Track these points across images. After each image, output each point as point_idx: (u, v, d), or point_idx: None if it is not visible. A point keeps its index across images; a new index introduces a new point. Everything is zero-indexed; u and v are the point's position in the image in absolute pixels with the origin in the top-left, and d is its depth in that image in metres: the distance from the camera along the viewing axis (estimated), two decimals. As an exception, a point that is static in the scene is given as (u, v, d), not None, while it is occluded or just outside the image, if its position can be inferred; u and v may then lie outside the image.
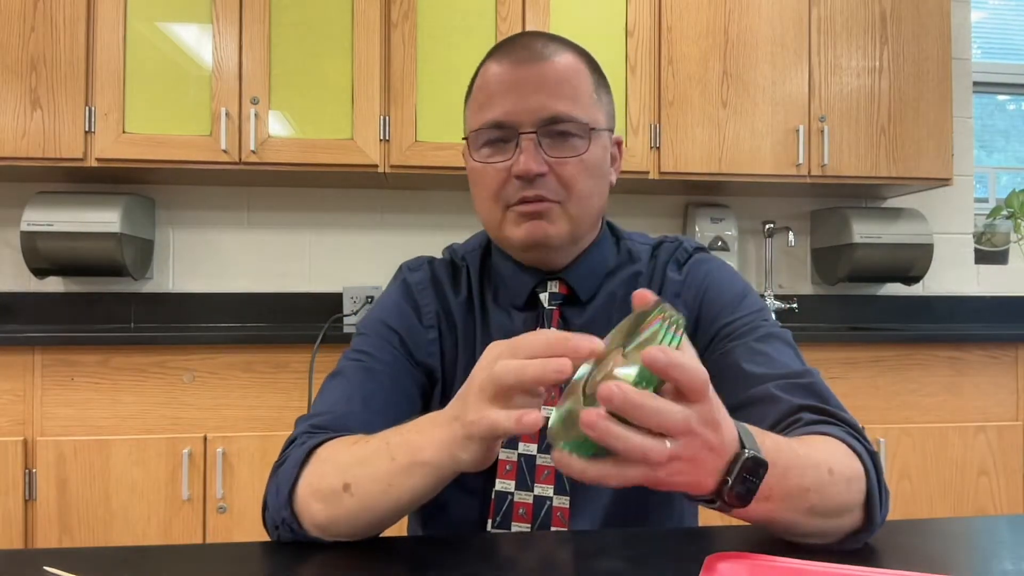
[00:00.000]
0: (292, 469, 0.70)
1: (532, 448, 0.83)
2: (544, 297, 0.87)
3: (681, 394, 0.50)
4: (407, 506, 0.65)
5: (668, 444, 0.49)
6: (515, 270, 0.88)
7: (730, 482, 0.53)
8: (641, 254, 0.92)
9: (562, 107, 0.80)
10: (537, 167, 0.79)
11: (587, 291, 0.88)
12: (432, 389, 0.88)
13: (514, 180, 0.80)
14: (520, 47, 0.82)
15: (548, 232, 0.81)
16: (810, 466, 0.61)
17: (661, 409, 0.49)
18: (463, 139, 0.89)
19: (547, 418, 0.54)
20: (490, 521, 0.83)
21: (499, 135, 0.81)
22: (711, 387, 0.52)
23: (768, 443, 0.57)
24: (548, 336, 0.54)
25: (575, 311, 0.87)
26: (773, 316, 0.87)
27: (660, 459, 0.49)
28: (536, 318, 0.87)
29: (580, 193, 0.82)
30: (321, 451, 0.71)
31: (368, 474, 0.64)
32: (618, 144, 0.90)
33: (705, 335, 0.85)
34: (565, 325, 0.86)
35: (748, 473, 0.54)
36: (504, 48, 0.84)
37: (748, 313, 0.84)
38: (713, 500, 0.55)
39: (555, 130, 0.80)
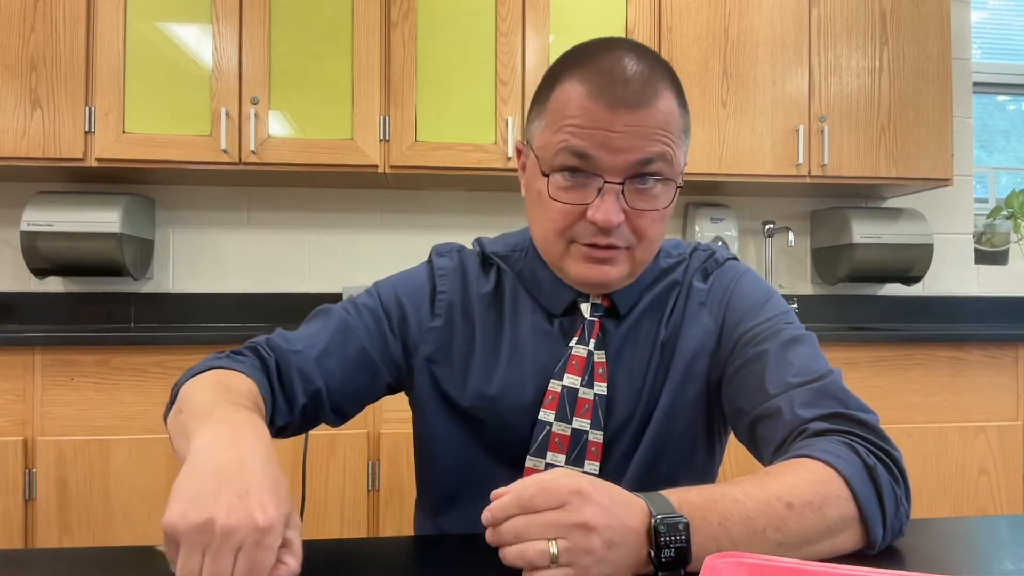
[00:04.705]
0: (197, 367, 0.77)
1: (560, 459, 0.83)
2: (585, 308, 0.87)
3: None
4: None
5: (553, 546, 0.53)
6: (555, 280, 0.87)
7: (652, 553, 0.55)
8: (676, 264, 0.91)
9: (654, 155, 0.76)
10: (617, 219, 0.76)
11: (627, 305, 0.88)
12: (411, 371, 0.89)
13: (587, 222, 0.77)
14: (618, 83, 0.75)
15: (610, 275, 0.81)
16: (758, 507, 0.60)
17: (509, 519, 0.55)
18: (525, 144, 0.85)
19: None
20: None
21: (579, 171, 0.77)
22: (564, 479, 0.55)
23: (693, 499, 0.59)
24: None
25: (612, 322, 0.87)
26: (796, 319, 0.85)
27: (545, 560, 0.53)
28: (572, 324, 0.87)
29: (650, 240, 0.81)
30: (215, 373, 0.75)
31: (179, 420, 0.68)
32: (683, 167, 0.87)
33: (728, 342, 0.85)
34: (603, 336, 0.86)
35: (669, 536, 0.55)
36: (593, 73, 0.76)
37: (769, 317, 0.83)
38: (656, 572, 0.56)
39: (640, 179, 0.77)
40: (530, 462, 0.83)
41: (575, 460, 0.82)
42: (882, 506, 0.63)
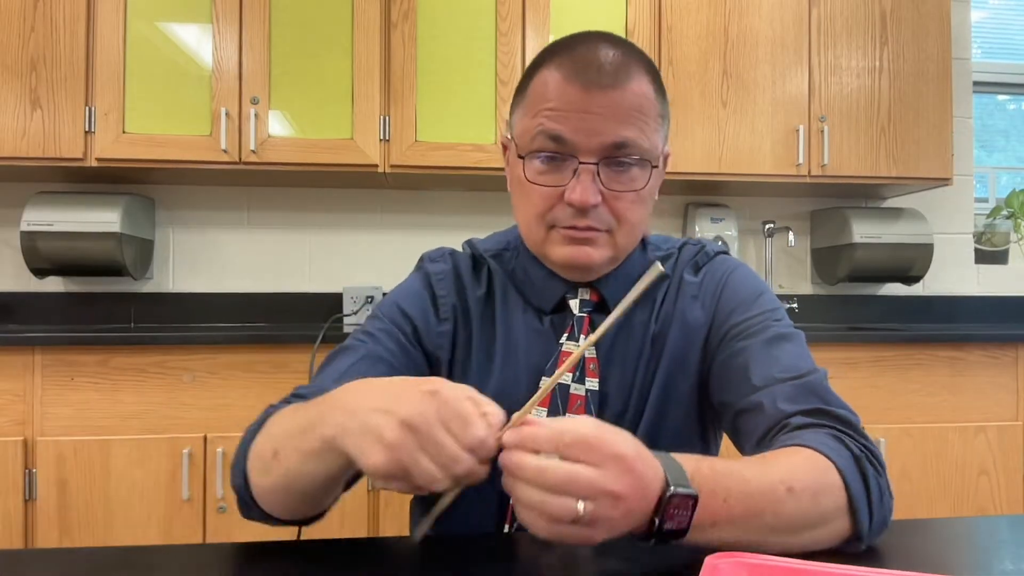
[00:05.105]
0: (248, 436, 0.71)
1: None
2: (575, 304, 0.87)
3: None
4: (327, 484, 0.64)
5: (581, 506, 0.51)
6: (545, 276, 0.88)
7: (657, 522, 0.55)
8: (667, 259, 0.92)
9: (628, 137, 0.77)
10: (594, 199, 0.77)
11: (616, 299, 0.86)
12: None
13: (565, 205, 0.78)
14: (593, 67, 0.77)
15: (592, 257, 0.81)
16: (762, 488, 0.60)
17: (558, 474, 0.51)
18: (508, 137, 0.86)
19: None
20: (507, 527, 0.83)
21: (555, 154, 0.78)
22: (609, 438, 0.53)
23: (705, 471, 0.58)
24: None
25: (603, 318, 0.87)
26: (787, 317, 0.86)
27: (567, 517, 0.51)
28: (562, 321, 0.87)
29: (630, 223, 0.81)
30: (272, 417, 0.71)
31: (291, 445, 0.64)
32: (666, 157, 0.86)
33: (716, 334, 0.85)
34: (593, 332, 0.86)
35: (677, 508, 0.55)
36: (570, 59, 0.79)
37: (759, 313, 0.84)
38: (647, 539, 0.56)
39: (616, 160, 0.78)
40: None
41: None
42: (869, 498, 0.64)
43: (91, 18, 2.11)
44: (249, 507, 0.70)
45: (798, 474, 0.62)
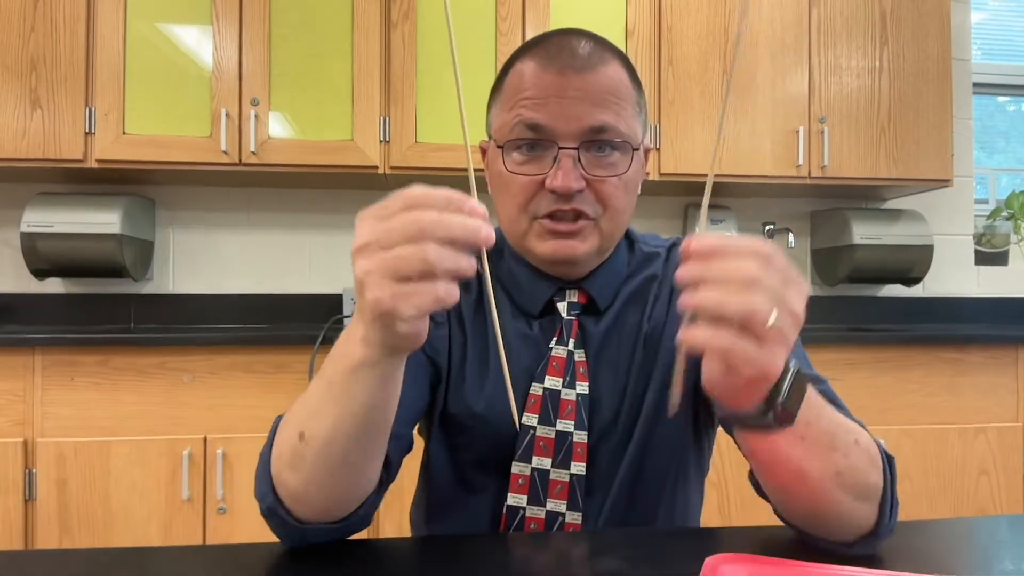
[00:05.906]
0: (264, 454, 0.67)
1: (546, 463, 0.81)
2: (563, 307, 0.85)
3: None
4: (360, 426, 0.60)
5: (773, 317, 0.48)
6: (532, 278, 0.86)
7: (784, 389, 0.54)
8: (656, 257, 0.90)
9: (606, 121, 0.77)
10: (576, 184, 0.76)
11: (606, 300, 0.86)
12: (438, 383, 0.86)
13: (547, 193, 0.77)
14: (566, 52, 0.78)
15: (577, 250, 0.79)
16: (840, 425, 0.61)
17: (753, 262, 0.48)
18: (488, 138, 0.85)
19: None
20: (501, 529, 0.83)
21: (534, 143, 0.78)
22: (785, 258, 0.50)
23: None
24: (449, 194, 0.52)
25: (592, 320, 0.85)
26: None
27: (763, 317, 0.48)
28: (551, 325, 0.85)
29: (615, 210, 0.80)
30: (282, 420, 0.68)
31: (313, 411, 0.61)
32: (646, 151, 0.86)
33: None
34: (583, 334, 0.85)
35: (791, 390, 0.54)
36: (544, 48, 0.79)
37: None
38: (764, 413, 0.54)
39: (596, 143, 0.77)
40: (516, 468, 0.81)
41: (561, 462, 0.81)
42: (892, 496, 0.64)
43: (91, 18, 2.12)
44: (286, 522, 0.64)
45: (861, 435, 0.63)
